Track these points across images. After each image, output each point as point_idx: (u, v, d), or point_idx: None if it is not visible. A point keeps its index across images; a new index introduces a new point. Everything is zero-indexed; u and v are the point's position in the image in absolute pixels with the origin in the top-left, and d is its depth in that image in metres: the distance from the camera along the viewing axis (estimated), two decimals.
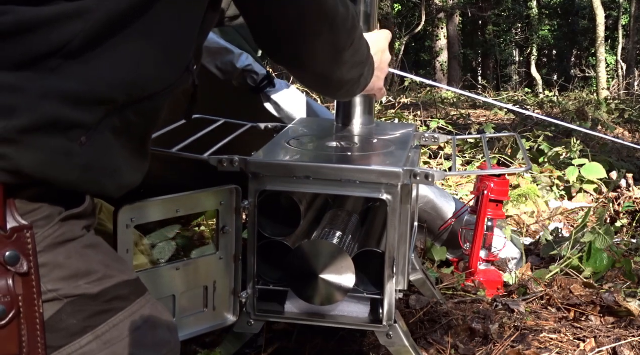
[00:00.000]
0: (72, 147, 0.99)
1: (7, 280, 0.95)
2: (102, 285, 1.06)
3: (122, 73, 1.03)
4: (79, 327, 1.03)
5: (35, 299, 0.97)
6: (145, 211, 1.63)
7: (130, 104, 1.07)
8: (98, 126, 1.02)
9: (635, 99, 11.49)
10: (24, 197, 0.98)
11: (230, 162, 1.80)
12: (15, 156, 0.94)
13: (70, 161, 0.99)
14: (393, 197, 1.73)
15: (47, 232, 1.00)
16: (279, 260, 1.84)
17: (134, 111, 1.08)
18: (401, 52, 18.46)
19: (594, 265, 3.01)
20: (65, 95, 0.97)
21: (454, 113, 8.87)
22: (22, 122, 0.94)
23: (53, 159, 0.98)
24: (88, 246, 1.07)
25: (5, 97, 0.93)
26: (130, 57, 1.04)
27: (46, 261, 1.00)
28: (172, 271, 1.73)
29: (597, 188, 4.48)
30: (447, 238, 3.08)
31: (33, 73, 0.95)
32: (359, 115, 2.17)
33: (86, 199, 1.08)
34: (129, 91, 1.05)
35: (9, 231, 0.95)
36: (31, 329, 0.97)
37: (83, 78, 0.99)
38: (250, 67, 2.71)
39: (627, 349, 2.31)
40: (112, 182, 1.09)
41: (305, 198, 1.91)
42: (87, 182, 1.04)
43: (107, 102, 1.03)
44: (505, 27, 24.13)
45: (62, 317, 1.01)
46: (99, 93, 1.01)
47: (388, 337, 1.84)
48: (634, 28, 17.75)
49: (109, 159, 1.07)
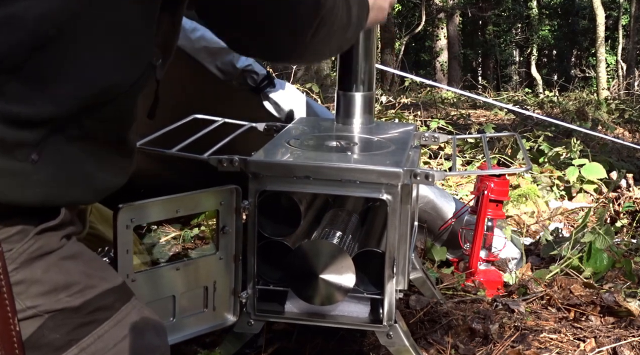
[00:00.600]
0: (25, 166, 0.95)
1: None
2: (83, 296, 1.04)
3: (69, 85, 0.97)
4: (63, 341, 1.01)
5: (10, 318, 0.95)
6: (145, 211, 1.63)
7: (86, 112, 1.01)
8: (47, 140, 0.97)
9: (635, 99, 11.48)
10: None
11: (230, 162, 1.80)
12: None
13: (27, 181, 0.96)
14: (393, 197, 1.73)
15: (22, 248, 0.98)
16: (279, 260, 1.84)
17: (94, 118, 1.03)
18: (401, 52, 18.46)
19: (594, 265, 3.01)
20: (7, 116, 0.93)
21: (454, 113, 8.86)
22: None
23: (8, 182, 0.94)
24: (67, 257, 1.04)
25: None
26: (76, 65, 0.98)
27: (23, 278, 0.97)
28: (172, 271, 1.73)
29: (597, 188, 4.48)
30: (447, 238, 3.08)
31: None
32: (359, 114, 2.17)
33: (61, 211, 1.05)
34: (80, 103, 1.00)
35: None
36: (8, 348, 0.95)
37: (26, 97, 0.94)
38: (250, 67, 2.71)
39: (627, 349, 2.31)
40: (84, 189, 1.05)
41: (305, 198, 1.91)
42: (54, 196, 1.01)
43: (56, 119, 0.98)
44: (505, 27, 24.12)
45: (43, 332, 0.99)
46: (43, 113, 0.96)
47: (388, 337, 1.84)
48: (634, 28, 17.74)
49: (72, 168, 1.02)
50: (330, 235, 1.84)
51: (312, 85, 8.09)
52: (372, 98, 2.19)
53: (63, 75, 0.97)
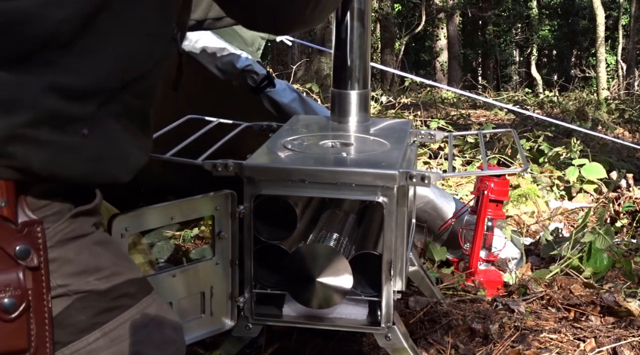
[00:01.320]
0: (76, 141, 0.99)
1: (17, 274, 0.95)
2: (110, 281, 1.06)
3: (114, 59, 1.02)
4: (87, 324, 1.03)
5: (45, 294, 0.98)
6: (140, 219, 1.62)
7: (125, 87, 1.06)
8: (97, 116, 1.01)
9: (635, 99, 11.47)
10: (34, 193, 0.98)
11: (224, 166, 1.79)
12: (24, 155, 0.94)
13: (76, 156, 0.99)
14: (389, 199, 1.72)
15: (58, 228, 1.01)
16: (275, 264, 1.83)
17: (131, 93, 1.07)
18: (401, 52, 18.45)
19: (594, 265, 3.00)
20: (62, 89, 0.96)
21: (454, 113, 8.86)
22: (28, 116, 0.93)
23: (60, 156, 0.98)
24: (98, 243, 1.07)
25: (6, 91, 0.93)
26: (118, 41, 1.02)
27: (56, 256, 1.00)
28: (169, 278, 1.73)
29: (597, 188, 4.48)
30: (447, 238, 3.08)
31: (30, 68, 0.95)
32: (355, 112, 2.16)
33: (96, 196, 1.09)
34: (123, 75, 1.04)
35: (20, 225, 0.96)
36: (39, 323, 0.97)
37: (78, 70, 0.98)
38: (250, 67, 2.71)
39: (627, 349, 2.31)
40: (122, 168, 1.09)
41: (301, 200, 1.90)
42: (97, 173, 1.04)
43: (104, 91, 1.02)
44: (505, 27, 24.10)
45: (70, 312, 1.02)
46: (95, 84, 1.00)
47: (387, 338, 1.83)
48: (634, 28, 17.72)
49: (115, 146, 1.06)
50: (327, 238, 1.83)
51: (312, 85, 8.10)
52: (367, 96, 2.18)
53: (108, 50, 1.01)
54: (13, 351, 0.95)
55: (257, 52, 3.60)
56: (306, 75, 11.12)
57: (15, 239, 0.95)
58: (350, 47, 2.10)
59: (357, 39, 2.09)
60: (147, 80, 1.11)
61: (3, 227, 0.94)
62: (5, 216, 0.95)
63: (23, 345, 0.96)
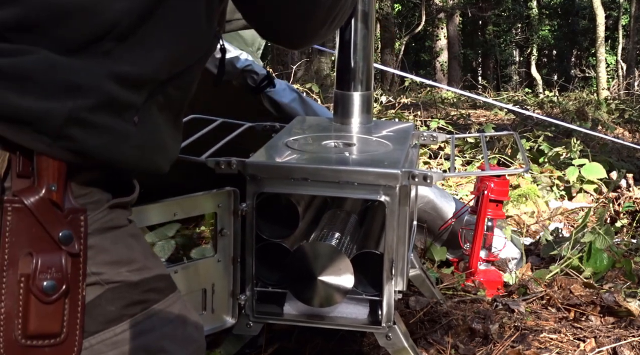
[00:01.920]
0: (129, 128, 1.01)
1: (60, 257, 0.97)
2: (141, 274, 1.07)
3: (164, 51, 1.05)
4: (117, 314, 1.04)
5: (80, 281, 0.99)
6: (143, 215, 1.62)
7: (170, 79, 1.08)
8: (145, 105, 1.04)
9: (635, 99, 11.48)
10: (79, 180, 1.00)
11: (227, 164, 1.80)
12: (83, 138, 0.96)
13: (127, 142, 1.01)
14: (391, 198, 1.72)
15: (96, 216, 1.02)
16: (277, 262, 1.83)
17: (174, 86, 1.10)
18: (401, 52, 18.45)
19: (594, 265, 3.00)
20: (119, 77, 0.99)
21: (454, 113, 8.86)
22: (90, 101, 0.96)
23: (113, 141, 1.00)
24: (132, 235, 1.09)
25: (70, 75, 0.95)
26: (170, 35, 1.05)
27: (93, 244, 1.01)
28: (171, 274, 1.73)
29: (597, 188, 4.48)
30: (447, 238, 3.08)
31: (90, 55, 0.97)
32: (357, 114, 2.17)
33: (135, 189, 1.11)
34: (170, 68, 1.07)
35: (65, 211, 0.98)
36: (72, 310, 0.98)
37: (133, 60, 1.01)
38: (250, 67, 2.71)
39: (627, 349, 2.31)
40: (162, 157, 1.11)
41: (304, 199, 1.90)
42: (143, 161, 1.06)
43: (153, 82, 1.04)
44: (505, 27, 24.10)
45: (101, 302, 1.02)
46: (148, 74, 1.03)
47: (387, 338, 1.84)
48: (634, 28, 17.73)
49: (157, 135, 1.09)
50: (328, 237, 1.84)
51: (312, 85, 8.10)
52: (370, 97, 2.18)
53: (160, 43, 1.04)
54: (45, 334, 0.96)
55: (257, 52, 3.60)
56: (306, 75, 11.11)
57: (60, 224, 0.97)
58: (354, 48, 2.10)
59: (360, 41, 2.10)
60: (189, 74, 1.13)
61: (51, 211, 0.96)
62: (54, 200, 0.97)
63: (56, 329, 0.97)
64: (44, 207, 0.96)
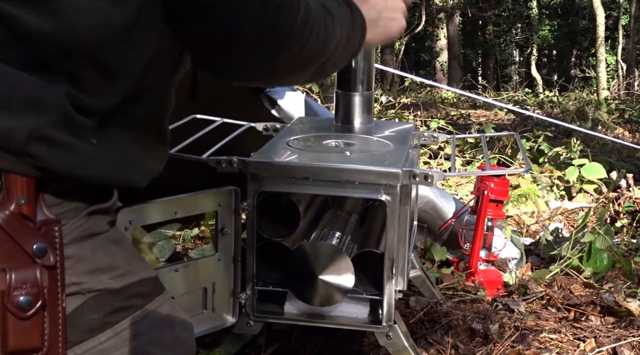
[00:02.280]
0: (89, 148, 1.00)
1: (35, 272, 0.95)
2: (124, 281, 1.06)
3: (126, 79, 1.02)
4: (100, 323, 1.03)
5: (59, 293, 0.98)
6: (144, 213, 1.62)
7: (128, 99, 1.05)
8: (102, 127, 1.01)
9: (635, 99, 11.48)
10: (53, 190, 0.99)
11: (229, 163, 1.80)
12: (46, 155, 0.94)
13: (92, 160, 1.00)
14: (392, 197, 1.72)
15: (74, 225, 1.01)
16: (278, 261, 1.83)
17: (135, 104, 1.07)
18: (401, 52, 18.45)
19: (594, 265, 3.00)
20: (75, 100, 0.97)
21: (454, 113, 8.86)
22: (52, 117, 0.94)
23: (78, 158, 0.98)
24: (112, 241, 1.07)
25: (32, 91, 0.93)
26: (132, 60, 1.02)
27: (71, 253, 1.00)
28: (171, 273, 1.73)
29: (597, 188, 4.48)
30: (447, 238, 3.08)
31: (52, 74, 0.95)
32: (358, 114, 2.17)
33: (113, 195, 1.09)
34: (131, 91, 1.05)
35: (38, 223, 0.96)
36: (53, 322, 0.97)
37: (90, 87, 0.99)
38: None
39: (627, 349, 2.31)
40: (136, 174, 1.10)
41: (304, 198, 1.90)
42: (113, 178, 1.05)
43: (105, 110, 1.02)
44: (505, 27, 24.09)
45: (83, 311, 1.01)
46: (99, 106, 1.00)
47: (387, 337, 1.84)
48: (634, 28, 17.73)
49: (126, 154, 1.06)
50: (329, 236, 1.84)
51: (312, 85, 8.09)
52: (371, 98, 2.18)
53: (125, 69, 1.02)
54: (26, 350, 0.95)
55: None
56: None
57: (33, 237, 0.95)
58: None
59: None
60: (156, 89, 1.10)
61: (22, 224, 0.95)
62: (25, 214, 0.95)
63: (36, 344, 0.95)
64: (14, 222, 0.94)
